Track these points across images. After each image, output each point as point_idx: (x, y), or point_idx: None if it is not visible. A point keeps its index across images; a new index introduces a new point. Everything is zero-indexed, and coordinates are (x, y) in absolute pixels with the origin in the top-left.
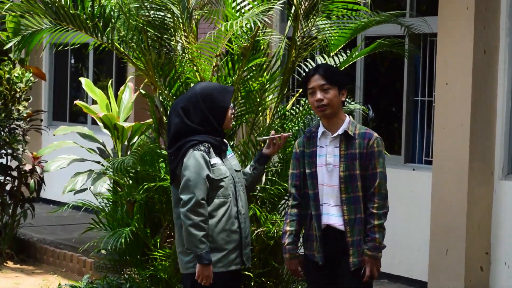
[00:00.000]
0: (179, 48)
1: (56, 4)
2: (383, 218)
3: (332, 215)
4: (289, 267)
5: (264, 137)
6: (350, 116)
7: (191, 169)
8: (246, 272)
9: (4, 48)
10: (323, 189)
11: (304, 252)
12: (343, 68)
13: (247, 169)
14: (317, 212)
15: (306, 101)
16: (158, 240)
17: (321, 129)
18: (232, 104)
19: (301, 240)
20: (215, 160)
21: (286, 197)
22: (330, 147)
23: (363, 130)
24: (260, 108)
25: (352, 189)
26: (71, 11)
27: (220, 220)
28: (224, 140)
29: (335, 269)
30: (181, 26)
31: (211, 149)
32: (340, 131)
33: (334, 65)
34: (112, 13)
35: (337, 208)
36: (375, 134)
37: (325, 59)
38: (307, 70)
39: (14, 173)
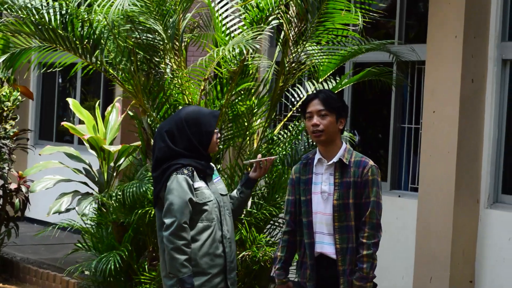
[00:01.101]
0: (168, 71)
1: (46, 26)
2: (372, 248)
3: (326, 244)
4: None
5: (250, 161)
6: (347, 144)
7: (174, 192)
8: None
9: None
10: (317, 217)
11: (297, 279)
12: None
13: (234, 193)
14: (311, 240)
15: (293, 125)
16: (144, 263)
17: (317, 156)
18: (217, 129)
19: (294, 266)
20: (199, 184)
21: (272, 221)
22: (325, 175)
23: (359, 158)
24: (247, 132)
25: (345, 218)
26: (60, 32)
27: (203, 244)
28: (211, 164)
29: None
30: (171, 49)
31: (195, 172)
32: (335, 159)
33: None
34: (102, 34)
35: (330, 237)
36: (371, 162)
37: (313, 85)
38: (295, 95)
39: None
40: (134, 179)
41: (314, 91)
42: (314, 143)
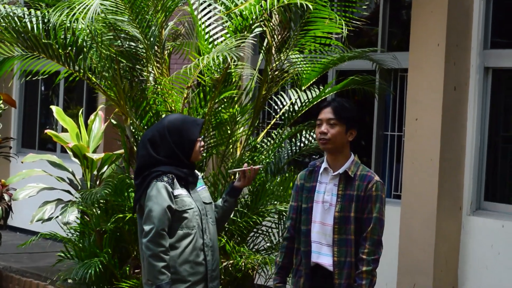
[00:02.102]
0: (151, 78)
1: (29, 34)
2: (372, 265)
3: (323, 255)
4: None
5: (235, 169)
6: (356, 156)
7: (153, 199)
8: None
9: None
10: (315, 227)
11: (291, 286)
12: (316, 102)
13: (219, 202)
14: (307, 249)
15: (277, 133)
16: (127, 270)
17: (324, 165)
18: (201, 137)
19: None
20: (179, 191)
21: (255, 230)
22: (329, 185)
23: (365, 172)
24: (230, 140)
25: (344, 231)
26: (43, 40)
27: (183, 252)
28: (196, 171)
29: None
30: (153, 57)
31: (175, 180)
32: (341, 170)
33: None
34: (84, 43)
35: (328, 248)
36: (376, 178)
37: (296, 93)
38: (278, 103)
39: None
40: (117, 187)
41: (330, 99)
42: (298, 151)
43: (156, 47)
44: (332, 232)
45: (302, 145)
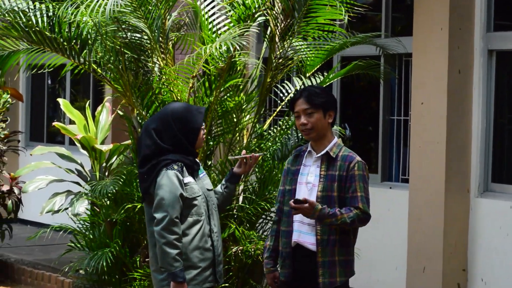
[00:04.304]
0: (156, 69)
1: (33, 28)
2: (355, 219)
3: (304, 233)
4: (266, 280)
5: (235, 157)
6: (339, 139)
7: (164, 188)
8: None
9: None
10: None
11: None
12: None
13: (219, 188)
14: (288, 229)
15: (283, 121)
16: (137, 260)
17: (308, 149)
18: (204, 125)
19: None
20: (188, 179)
21: (263, 216)
22: (313, 167)
23: (346, 153)
24: (237, 128)
25: None
26: (47, 34)
27: (193, 238)
28: (197, 160)
29: None
30: (158, 47)
31: (184, 168)
32: (323, 152)
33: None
34: (89, 35)
35: (310, 227)
36: (357, 158)
37: (301, 80)
38: (283, 90)
39: None
40: (125, 178)
41: (299, 90)
42: (304, 138)
43: (160, 38)
44: None
45: None
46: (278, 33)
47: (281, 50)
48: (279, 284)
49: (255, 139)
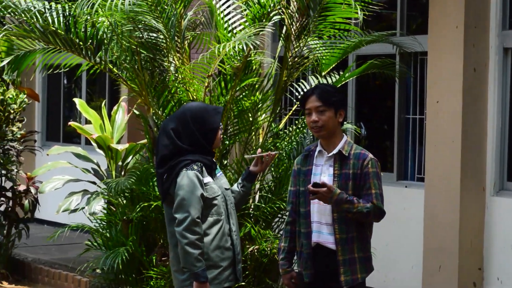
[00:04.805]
0: (172, 68)
1: (49, 28)
2: (370, 211)
3: (323, 233)
4: (283, 281)
5: (251, 155)
6: (348, 136)
7: (185, 188)
8: None
9: None
10: (314, 207)
11: (297, 269)
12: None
13: (235, 187)
14: (307, 230)
15: (299, 120)
16: (154, 259)
17: (318, 148)
18: (221, 125)
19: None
20: (207, 179)
21: (279, 215)
22: (325, 166)
23: (358, 150)
24: (253, 127)
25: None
26: (63, 34)
27: (214, 238)
28: (213, 159)
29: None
30: (174, 47)
31: (203, 168)
32: (335, 151)
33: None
34: (105, 35)
35: (328, 227)
36: (370, 155)
37: (317, 79)
38: (299, 89)
39: (9, 194)
40: (141, 177)
41: (312, 87)
42: None
43: (176, 37)
44: (331, 210)
45: None
46: (293, 32)
47: (296, 49)
48: (302, 285)
49: (271, 138)
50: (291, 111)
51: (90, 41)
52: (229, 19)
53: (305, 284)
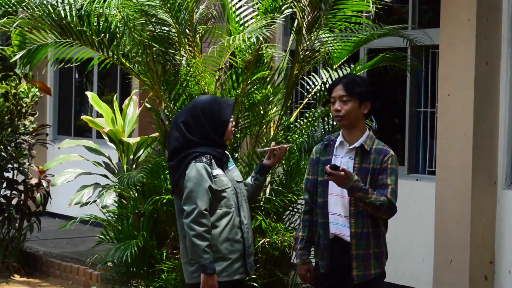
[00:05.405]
0: (183, 62)
1: (64, 21)
2: (383, 205)
3: (341, 225)
4: (298, 272)
5: (264, 148)
6: (371, 131)
7: (193, 180)
8: (251, 283)
9: (11, 61)
10: (332, 198)
11: (314, 259)
12: None
13: (249, 180)
14: (324, 220)
15: (310, 113)
16: (165, 252)
17: (339, 139)
18: (232, 117)
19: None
20: (217, 171)
21: (290, 208)
22: (345, 158)
23: (380, 146)
24: (264, 121)
25: None
26: (77, 27)
27: (223, 230)
28: (226, 152)
29: (342, 280)
30: (185, 41)
31: (213, 160)
32: (357, 144)
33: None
34: (117, 29)
35: (345, 219)
36: (391, 152)
37: (328, 72)
38: (310, 83)
39: (21, 187)
40: (153, 170)
41: (341, 76)
42: (331, 130)
43: (187, 31)
44: (349, 204)
45: (334, 123)
46: (305, 25)
47: (308, 42)
48: (317, 276)
49: (282, 132)
50: (302, 105)
51: (102, 34)
52: (241, 12)
53: (320, 274)
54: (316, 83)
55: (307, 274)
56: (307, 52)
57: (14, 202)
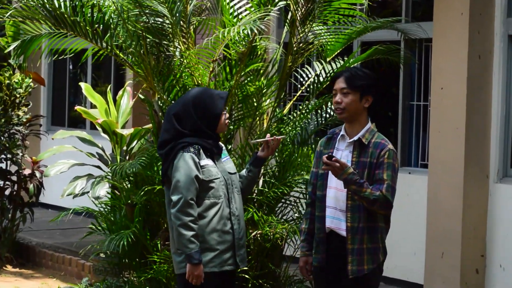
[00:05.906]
0: (177, 53)
1: (57, 12)
2: (377, 200)
3: (337, 219)
4: (299, 263)
5: (257, 140)
6: (373, 125)
7: (180, 170)
8: (243, 275)
9: (4, 52)
10: (331, 192)
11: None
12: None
13: (243, 172)
14: (322, 214)
15: (303, 105)
16: (158, 243)
17: (342, 132)
18: (226, 109)
19: None
20: (205, 161)
21: (283, 200)
22: (345, 152)
23: (379, 140)
24: (257, 112)
25: None
26: (71, 18)
27: (211, 221)
28: (220, 143)
29: (338, 274)
30: (179, 32)
31: (201, 150)
32: (355, 138)
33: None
34: (111, 19)
35: (342, 213)
36: (390, 146)
37: (321, 65)
38: (303, 75)
39: (14, 178)
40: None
41: (344, 69)
42: (324, 122)
43: (181, 22)
44: (346, 197)
45: (327, 116)
46: (298, 17)
47: (301, 35)
48: (312, 269)
49: (275, 124)
50: (296, 97)
51: (96, 25)
52: (235, 4)
53: (315, 268)
54: (309, 76)
55: (305, 267)
56: (301, 45)
57: (7, 192)
